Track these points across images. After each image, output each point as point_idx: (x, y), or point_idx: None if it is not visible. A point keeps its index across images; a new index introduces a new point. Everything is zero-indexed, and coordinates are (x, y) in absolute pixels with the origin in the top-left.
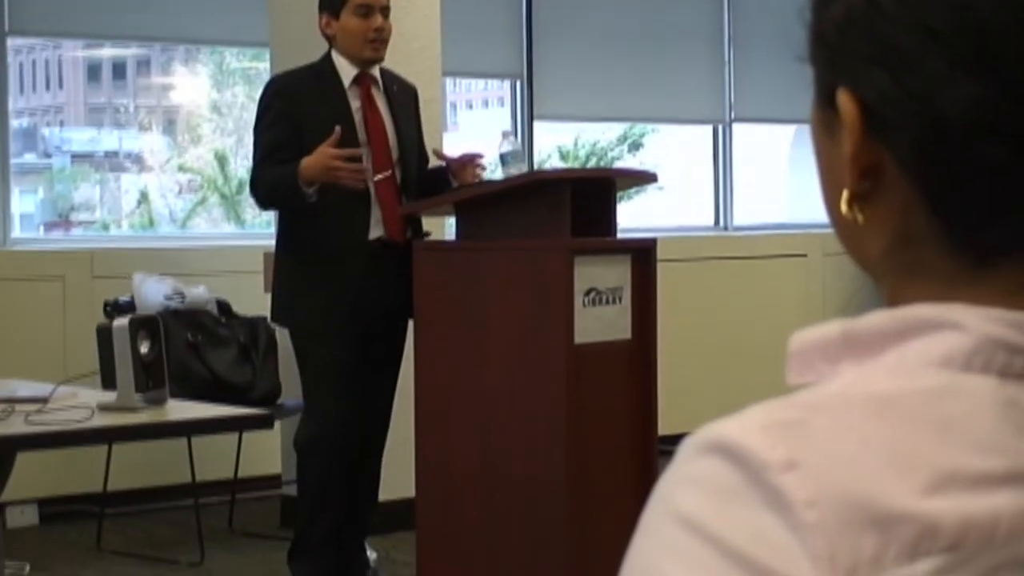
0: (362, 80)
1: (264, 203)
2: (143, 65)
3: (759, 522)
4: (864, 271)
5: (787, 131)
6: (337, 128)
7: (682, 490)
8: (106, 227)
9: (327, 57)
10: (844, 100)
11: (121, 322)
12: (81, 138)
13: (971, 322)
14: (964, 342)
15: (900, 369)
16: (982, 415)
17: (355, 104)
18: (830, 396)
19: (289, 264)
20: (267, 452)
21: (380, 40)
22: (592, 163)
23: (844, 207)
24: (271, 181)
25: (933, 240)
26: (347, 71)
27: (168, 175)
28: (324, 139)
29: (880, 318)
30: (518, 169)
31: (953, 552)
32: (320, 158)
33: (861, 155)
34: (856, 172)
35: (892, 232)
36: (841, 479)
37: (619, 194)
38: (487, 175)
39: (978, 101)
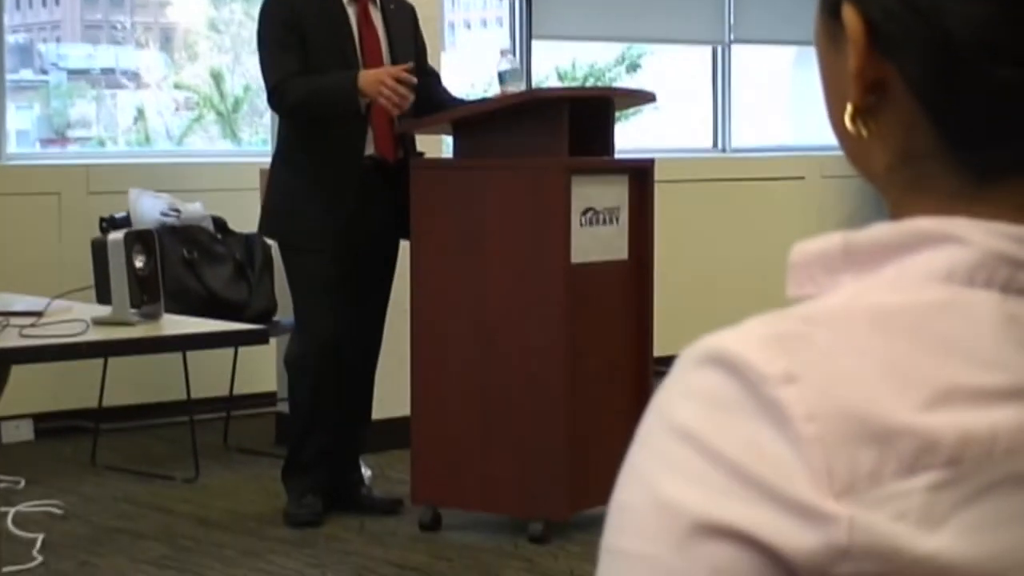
0: None
1: (294, 109)
2: None
3: (757, 435)
4: (869, 184)
5: (786, 52)
6: (411, 64)
7: (679, 402)
8: (102, 144)
9: None
10: (849, 16)
11: (116, 236)
12: (78, 54)
13: (974, 236)
14: (967, 256)
15: (901, 282)
16: (983, 330)
17: (352, 21)
18: (830, 309)
19: (284, 177)
20: (262, 370)
21: None
22: (590, 84)
23: (848, 121)
24: (315, 88)
25: (937, 156)
26: None
27: (164, 92)
28: (325, 53)
29: (882, 230)
30: (516, 87)
31: (952, 467)
32: (379, 74)
33: (866, 70)
34: (861, 87)
35: (896, 147)
36: (840, 393)
37: (617, 115)
38: (485, 93)
39: (985, 21)
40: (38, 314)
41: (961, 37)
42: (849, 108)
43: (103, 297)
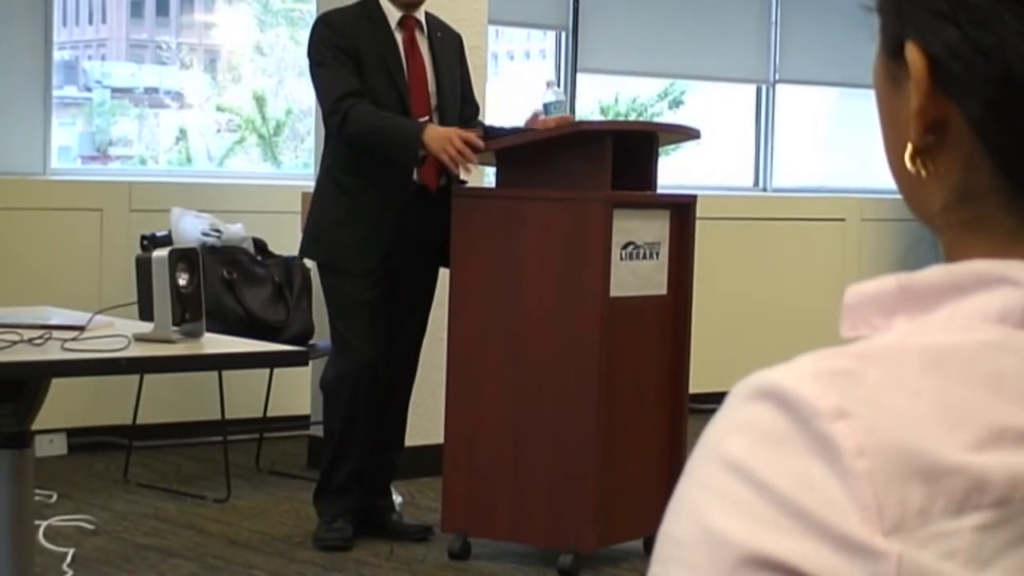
0: (406, 23)
1: (352, 137)
2: (186, 2)
3: (807, 469)
4: (924, 225)
5: (830, 93)
6: (481, 130)
7: (730, 435)
8: (143, 162)
9: None
10: (913, 54)
11: (161, 253)
12: (122, 73)
13: None
14: (1020, 298)
15: (955, 323)
16: None
17: (400, 47)
18: (883, 347)
19: (329, 198)
20: (296, 392)
21: None
22: (632, 119)
23: (908, 161)
24: (380, 127)
25: (995, 196)
26: (392, 13)
27: (207, 113)
28: (373, 77)
29: (937, 272)
30: None
31: (1001, 507)
32: (448, 133)
33: (928, 109)
34: (922, 126)
35: (954, 187)
36: (891, 430)
37: (659, 150)
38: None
39: None
40: (80, 328)
41: (1023, 75)
42: (909, 148)
43: (145, 314)
